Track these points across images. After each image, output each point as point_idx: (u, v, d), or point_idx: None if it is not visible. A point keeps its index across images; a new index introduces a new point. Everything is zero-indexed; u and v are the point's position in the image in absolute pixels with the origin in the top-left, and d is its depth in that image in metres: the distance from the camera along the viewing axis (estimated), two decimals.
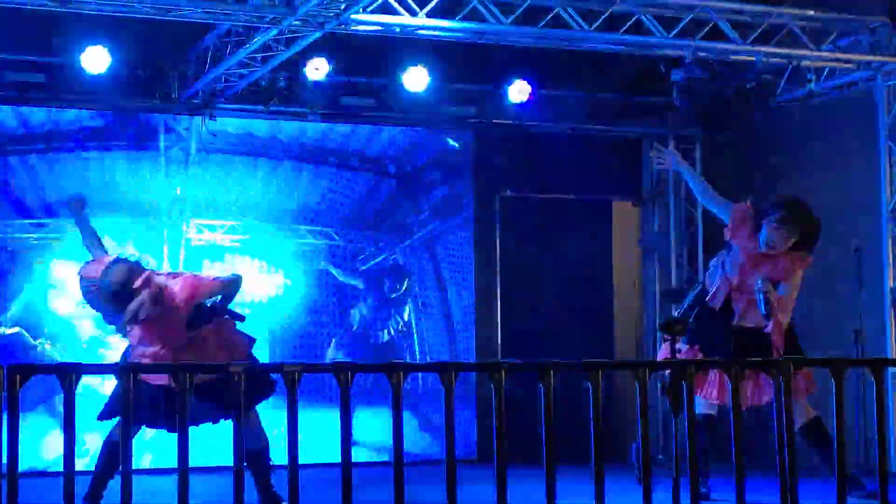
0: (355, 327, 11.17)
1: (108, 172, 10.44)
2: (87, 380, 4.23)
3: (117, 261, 6.66)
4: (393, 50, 10.35)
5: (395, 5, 8.84)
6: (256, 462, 6.43)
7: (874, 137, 10.14)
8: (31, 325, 10.21)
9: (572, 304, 12.06)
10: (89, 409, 9.57)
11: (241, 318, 6.99)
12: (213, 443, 7.05)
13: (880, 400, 4.88)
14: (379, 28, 9.04)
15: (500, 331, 11.62)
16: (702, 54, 9.50)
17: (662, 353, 7.16)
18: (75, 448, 4.00)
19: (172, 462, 4.24)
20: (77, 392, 4.01)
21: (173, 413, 5.93)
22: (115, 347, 10.31)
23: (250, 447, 6.35)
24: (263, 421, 6.79)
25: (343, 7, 8.50)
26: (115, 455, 5.98)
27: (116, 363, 6.20)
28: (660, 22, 9.40)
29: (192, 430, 4.28)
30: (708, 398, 7.02)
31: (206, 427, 6.55)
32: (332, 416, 4.46)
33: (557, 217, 12.10)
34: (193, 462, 4.23)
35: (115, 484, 6.07)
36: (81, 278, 6.73)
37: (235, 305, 7.17)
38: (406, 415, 4.78)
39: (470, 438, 11.00)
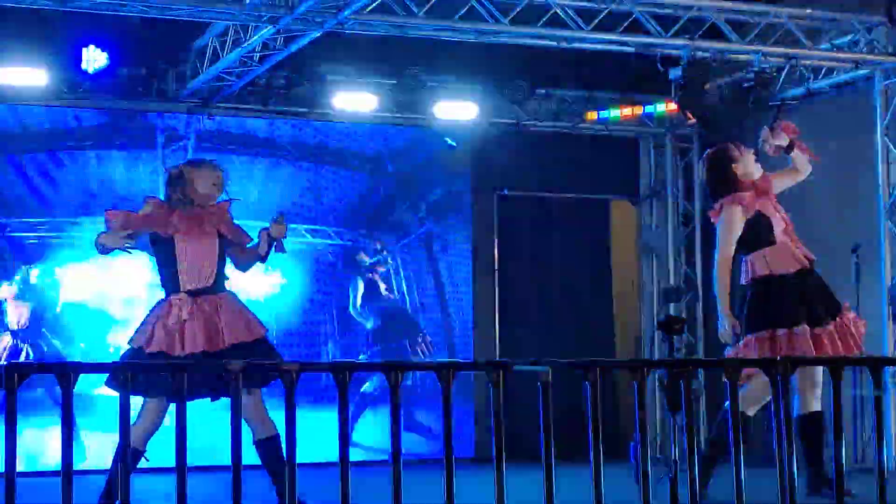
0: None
1: (106, 172, 10.45)
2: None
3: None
4: (391, 49, 10.35)
5: (394, 5, 8.83)
6: (271, 452, 6.26)
7: (871, 136, 10.14)
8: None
9: (570, 302, 12.06)
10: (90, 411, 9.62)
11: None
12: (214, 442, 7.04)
13: (878, 398, 4.89)
14: (377, 28, 9.04)
15: (498, 330, 11.63)
16: (700, 53, 9.51)
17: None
18: (73, 447, 4.00)
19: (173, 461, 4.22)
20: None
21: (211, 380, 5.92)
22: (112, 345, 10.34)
23: (261, 437, 6.28)
24: None
25: (341, 6, 8.50)
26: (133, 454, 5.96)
27: (115, 362, 6.19)
28: (658, 21, 9.40)
29: (191, 428, 4.26)
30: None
31: (209, 427, 6.50)
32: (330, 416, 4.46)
33: (555, 216, 12.11)
34: (195, 462, 4.23)
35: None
36: None
37: None
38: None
39: (468, 437, 11.03)
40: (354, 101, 10.91)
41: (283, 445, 4.33)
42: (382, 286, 11.22)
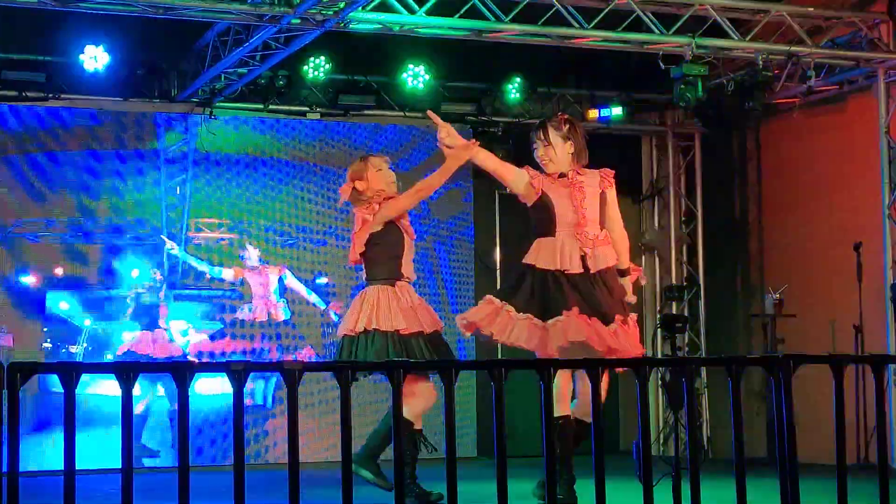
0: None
1: (107, 171, 10.45)
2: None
3: None
4: (392, 48, 10.36)
5: (395, 3, 8.84)
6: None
7: (873, 133, 10.14)
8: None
9: None
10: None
11: None
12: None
13: (880, 396, 4.88)
14: (378, 26, 9.05)
15: None
16: (701, 51, 9.51)
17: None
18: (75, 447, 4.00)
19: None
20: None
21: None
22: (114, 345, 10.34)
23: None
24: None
25: (342, 5, 8.50)
26: None
27: (116, 362, 6.19)
28: (659, 19, 9.40)
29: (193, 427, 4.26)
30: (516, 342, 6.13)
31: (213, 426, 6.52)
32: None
33: None
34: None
35: (105, 482, 6.09)
36: None
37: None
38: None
39: (469, 436, 11.05)
40: (354, 100, 10.92)
41: (287, 446, 4.33)
42: None
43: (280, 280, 10.74)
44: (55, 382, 5.35)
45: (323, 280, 11.08)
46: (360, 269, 6.76)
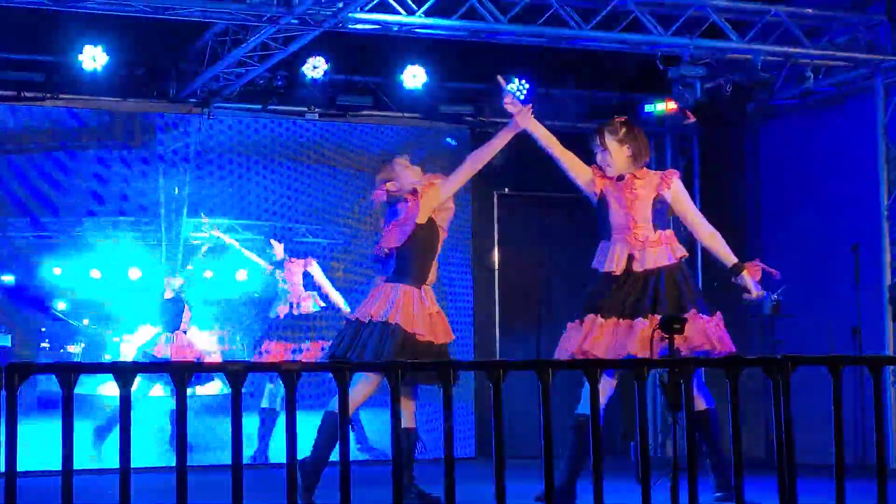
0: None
1: (106, 171, 10.45)
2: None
3: None
4: (391, 48, 10.36)
5: (393, 4, 8.84)
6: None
7: (872, 135, 10.14)
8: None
9: (571, 302, 12.02)
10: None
11: None
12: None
13: (878, 398, 4.88)
14: (377, 27, 9.05)
15: (498, 329, 11.62)
16: (699, 52, 9.52)
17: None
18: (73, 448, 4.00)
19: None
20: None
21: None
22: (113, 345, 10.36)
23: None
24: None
25: (341, 6, 8.51)
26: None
27: (115, 362, 6.17)
28: (657, 20, 9.41)
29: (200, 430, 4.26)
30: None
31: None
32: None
33: (555, 215, 12.10)
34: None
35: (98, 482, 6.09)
36: None
37: None
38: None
39: (469, 437, 11.04)
40: (354, 100, 10.92)
41: (286, 447, 4.33)
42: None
43: (305, 274, 10.62)
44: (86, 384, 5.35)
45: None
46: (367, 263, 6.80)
